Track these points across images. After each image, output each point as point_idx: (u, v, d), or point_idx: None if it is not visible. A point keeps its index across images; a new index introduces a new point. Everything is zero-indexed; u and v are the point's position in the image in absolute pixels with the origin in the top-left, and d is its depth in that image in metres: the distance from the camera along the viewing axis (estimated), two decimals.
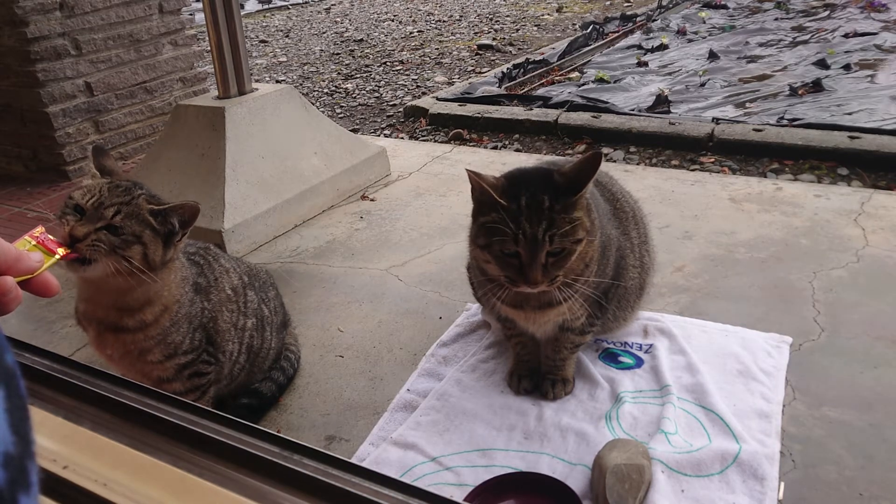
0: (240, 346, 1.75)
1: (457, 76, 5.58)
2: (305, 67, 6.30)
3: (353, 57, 6.52)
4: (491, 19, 7.69)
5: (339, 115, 4.88)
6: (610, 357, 1.93)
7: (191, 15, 4.19)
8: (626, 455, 1.46)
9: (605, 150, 3.75)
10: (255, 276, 1.88)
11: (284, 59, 6.68)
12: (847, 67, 4.52)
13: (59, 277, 0.69)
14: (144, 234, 1.43)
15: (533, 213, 1.41)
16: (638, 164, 3.56)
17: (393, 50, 6.65)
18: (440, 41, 6.85)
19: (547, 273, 1.44)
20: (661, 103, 4.10)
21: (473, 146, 3.97)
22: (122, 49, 3.72)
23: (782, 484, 1.48)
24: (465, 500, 1.46)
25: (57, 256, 0.89)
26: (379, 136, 4.31)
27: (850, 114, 3.72)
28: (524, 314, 1.65)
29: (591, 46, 5.78)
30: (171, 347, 1.56)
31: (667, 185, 3.04)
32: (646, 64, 5.10)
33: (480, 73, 5.50)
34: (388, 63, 6.17)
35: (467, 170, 1.48)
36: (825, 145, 3.36)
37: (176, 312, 1.55)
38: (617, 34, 6.12)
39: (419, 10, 8.64)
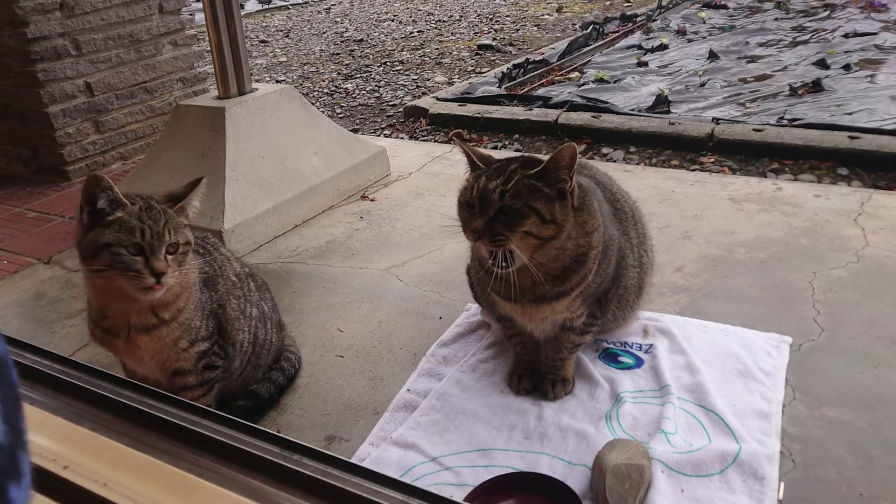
0: (248, 335, 1.77)
1: (457, 76, 5.58)
2: (305, 67, 6.30)
3: (353, 57, 6.52)
4: (491, 19, 7.69)
5: (339, 115, 4.88)
6: (610, 357, 1.93)
7: (191, 15, 4.19)
8: (626, 455, 1.46)
9: (605, 150, 3.75)
10: (251, 273, 1.91)
11: (284, 59, 6.68)
12: (847, 67, 4.52)
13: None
14: (188, 234, 1.53)
15: (495, 173, 1.51)
16: (638, 164, 3.55)
17: (393, 50, 6.65)
18: (440, 41, 6.85)
19: (491, 227, 1.46)
20: (661, 103, 4.10)
21: (473, 146, 3.96)
22: (122, 49, 3.72)
23: (782, 484, 1.48)
24: (465, 500, 1.46)
25: None
26: (379, 136, 4.31)
27: (850, 114, 3.72)
28: (520, 309, 1.66)
29: (591, 46, 5.77)
30: (192, 332, 1.60)
31: (667, 185, 3.04)
32: (646, 64, 5.10)
33: (480, 73, 5.50)
34: (388, 63, 6.16)
35: (453, 136, 1.54)
36: (825, 145, 3.36)
37: (193, 294, 1.60)
38: (617, 34, 6.12)
39: (419, 10, 8.64)
